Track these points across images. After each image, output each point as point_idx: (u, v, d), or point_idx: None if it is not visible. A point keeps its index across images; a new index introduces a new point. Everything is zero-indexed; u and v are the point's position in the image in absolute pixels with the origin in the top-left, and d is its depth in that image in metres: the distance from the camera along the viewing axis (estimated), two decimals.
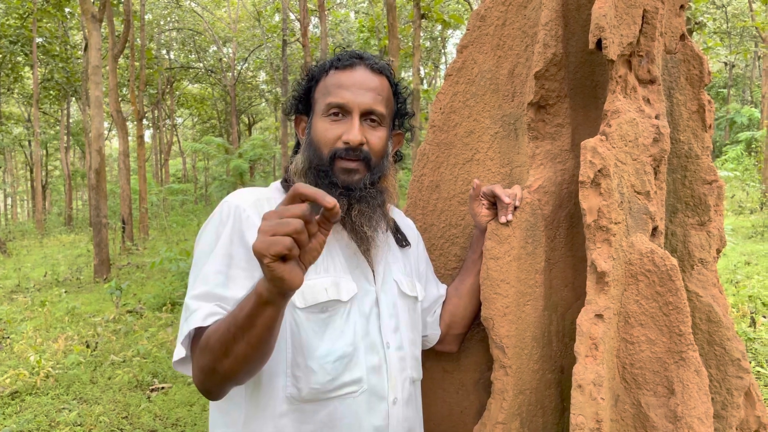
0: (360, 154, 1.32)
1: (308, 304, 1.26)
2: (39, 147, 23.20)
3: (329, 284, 1.29)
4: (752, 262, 8.20)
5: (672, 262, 1.32)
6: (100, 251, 10.53)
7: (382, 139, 1.37)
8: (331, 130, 1.32)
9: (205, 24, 27.23)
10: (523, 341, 1.48)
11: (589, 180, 1.33)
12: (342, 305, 1.30)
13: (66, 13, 19.52)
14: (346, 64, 1.36)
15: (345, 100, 1.32)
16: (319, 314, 1.27)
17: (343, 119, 1.33)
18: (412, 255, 1.56)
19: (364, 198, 1.34)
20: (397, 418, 1.36)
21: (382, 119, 1.37)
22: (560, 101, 1.55)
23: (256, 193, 1.35)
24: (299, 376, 1.25)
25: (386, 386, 1.34)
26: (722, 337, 1.49)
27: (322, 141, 1.33)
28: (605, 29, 1.33)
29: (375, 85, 1.36)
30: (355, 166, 1.32)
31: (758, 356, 4.75)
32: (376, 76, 1.38)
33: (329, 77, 1.37)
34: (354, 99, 1.32)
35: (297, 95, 1.43)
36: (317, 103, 1.38)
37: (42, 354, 5.85)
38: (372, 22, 17.48)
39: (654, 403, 1.33)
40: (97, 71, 10.18)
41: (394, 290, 1.42)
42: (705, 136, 1.57)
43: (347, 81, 1.34)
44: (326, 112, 1.34)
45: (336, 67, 1.37)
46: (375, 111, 1.34)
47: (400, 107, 1.46)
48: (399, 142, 1.52)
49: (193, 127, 41.06)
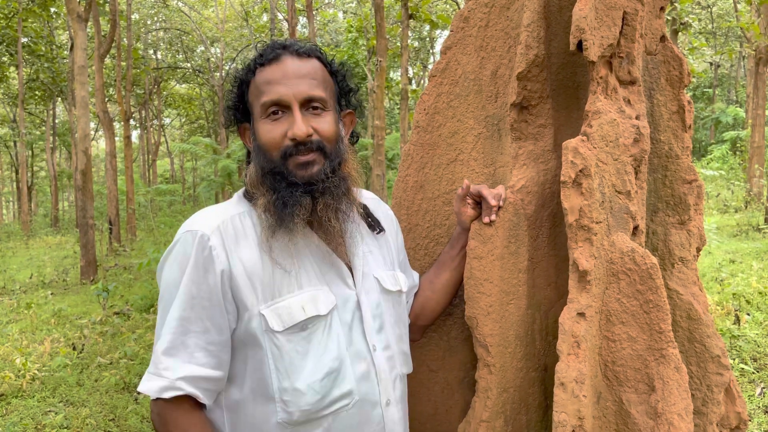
0: (312, 146, 1.25)
1: (287, 326, 1.24)
2: (24, 148, 23.00)
3: (306, 300, 1.26)
4: (737, 260, 8.29)
5: (652, 261, 1.34)
6: (87, 252, 10.45)
7: (330, 124, 1.29)
8: (274, 130, 1.25)
9: (192, 24, 27.09)
10: (507, 340, 1.49)
11: (570, 180, 1.34)
12: (321, 319, 1.27)
13: (51, 12, 19.34)
14: (270, 57, 1.28)
15: (279, 94, 1.24)
16: (300, 333, 1.25)
17: (283, 115, 1.25)
18: (389, 242, 1.50)
19: (328, 189, 1.27)
20: (392, 419, 1.36)
21: (325, 103, 1.29)
22: (542, 102, 1.57)
23: (220, 215, 1.29)
24: (288, 400, 1.23)
25: (377, 390, 1.33)
26: (702, 335, 1.51)
27: (269, 143, 1.26)
28: (586, 31, 1.35)
29: (307, 70, 1.27)
30: (310, 158, 1.25)
31: (742, 353, 4.80)
32: (305, 61, 1.28)
33: (258, 76, 1.29)
34: (288, 91, 1.24)
35: (231, 104, 1.35)
36: (253, 106, 1.30)
37: (28, 356, 5.80)
38: (360, 23, 17.47)
39: (635, 400, 1.35)
40: (83, 71, 10.11)
41: (376, 289, 1.39)
42: (685, 136, 1.59)
43: (276, 75, 1.26)
44: (264, 113, 1.27)
45: (260, 63, 1.29)
46: (314, 97, 1.26)
47: (341, 85, 1.37)
48: (352, 122, 1.43)
49: (181, 127, 40.86)
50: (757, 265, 7.77)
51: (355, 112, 1.43)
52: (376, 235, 1.47)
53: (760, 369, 4.57)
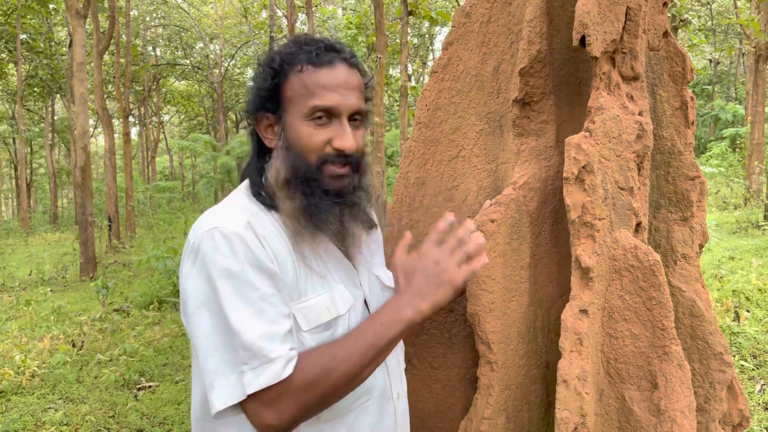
0: (352, 159, 1.26)
1: (312, 325, 1.22)
2: (23, 145, 22.95)
3: (328, 301, 1.26)
4: (736, 257, 8.29)
5: (655, 258, 1.33)
6: (86, 249, 10.44)
7: (364, 138, 1.31)
8: (317, 135, 1.23)
9: (191, 20, 27.05)
10: (509, 337, 1.48)
11: (573, 176, 1.33)
12: (341, 318, 1.27)
13: (50, 9, 19.30)
14: (325, 60, 1.26)
15: (334, 103, 1.22)
16: (323, 333, 1.24)
17: (328, 123, 1.24)
18: (378, 238, 1.51)
19: (354, 202, 1.28)
20: (402, 413, 1.38)
21: (365, 117, 1.31)
22: (545, 98, 1.56)
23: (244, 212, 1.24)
24: None
25: (389, 385, 1.35)
26: (705, 332, 1.51)
27: (309, 147, 1.23)
28: (589, 26, 1.34)
29: (356, 82, 1.28)
30: (345, 172, 1.25)
31: (742, 350, 4.81)
32: (353, 72, 1.28)
33: (306, 74, 1.24)
34: (343, 101, 1.23)
35: (263, 92, 1.28)
36: (293, 102, 1.25)
37: (27, 353, 5.80)
38: (359, 19, 17.44)
39: (638, 397, 1.34)
40: (81, 68, 10.09)
41: (378, 287, 1.41)
42: (687, 132, 1.58)
43: (331, 81, 1.24)
44: (310, 116, 1.23)
45: (313, 63, 1.25)
46: (361, 111, 1.28)
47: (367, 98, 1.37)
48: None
49: (180, 124, 40.81)
50: (757, 262, 7.77)
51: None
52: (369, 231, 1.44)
53: (760, 366, 4.57)
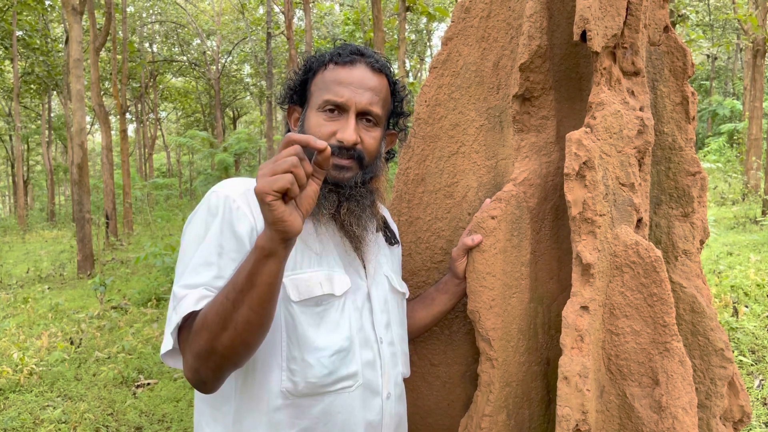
0: (354, 153, 1.30)
1: (302, 297, 1.25)
2: (20, 142, 22.89)
3: (323, 278, 1.28)
4: (734, 252, 8.30)
5: (656, 254, 1.32)
6: (84, 247, 10.42)
7: (376, 140, 1.35)
8: (325, 126, 1.30)
9: (188, 17, 26.95)
10: (509, 334, 1.48)
11: (574, 172, 1.33)
12: (336, 299, 1.29)
13: (46, 5, 19.22)
14: (347, 60, 1.33)
15: (343, 98, 1.30)
16: (314, 308, 1.26)
17: (338, 117, 1.31)
18: (397, 254, 1.57)
19: (354, 197, 1.32)
20: (390, 413, 1.37)
21: (378, 120, 1.35)
22: (545, 93, 1.55)
23: (245, 184, 1.32)
24: (295, 369, 1.24)
25: (380, 382, 1.35)
26: (706, 328, 1.50)
27: (316, 135, 1.29)
28: (589, 21, 1.33)
29: (374, 84, 1.34)
30: (347, 164, 1.31)
31: (740, 345, 4.81)
32: (376, 75, 1.35)
33: (328, 72, 1.34)
34: (352, 98, 1.30)
35: (292, 85, 1.40)
36: (313, 96, 1.35)
37: (25, 351, 5.79)
38: (357, 15, 17.40)
39: (639, 393, 1.34)
40: (78, 64, 10.05)
41: (386, 286, 1.43)
42: (688, 127, 1.57)
43: (346, 78, 1.32)
44: (322, 108, 1.31)
45: (335, 62, 1.34)
46: (371, 112, 1.32)
47: (396, 107, 1.45)
48: (392, 141, 1.50)
49: (177, 120, 40.71)
50: (755, 257, 7.78)
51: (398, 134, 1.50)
52: (391, 247, 1.53)
53: (759, 361, 4.58)
